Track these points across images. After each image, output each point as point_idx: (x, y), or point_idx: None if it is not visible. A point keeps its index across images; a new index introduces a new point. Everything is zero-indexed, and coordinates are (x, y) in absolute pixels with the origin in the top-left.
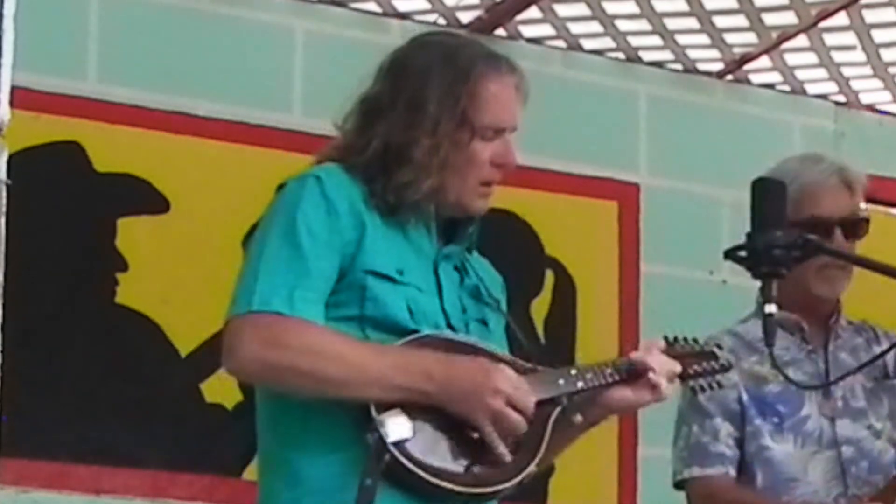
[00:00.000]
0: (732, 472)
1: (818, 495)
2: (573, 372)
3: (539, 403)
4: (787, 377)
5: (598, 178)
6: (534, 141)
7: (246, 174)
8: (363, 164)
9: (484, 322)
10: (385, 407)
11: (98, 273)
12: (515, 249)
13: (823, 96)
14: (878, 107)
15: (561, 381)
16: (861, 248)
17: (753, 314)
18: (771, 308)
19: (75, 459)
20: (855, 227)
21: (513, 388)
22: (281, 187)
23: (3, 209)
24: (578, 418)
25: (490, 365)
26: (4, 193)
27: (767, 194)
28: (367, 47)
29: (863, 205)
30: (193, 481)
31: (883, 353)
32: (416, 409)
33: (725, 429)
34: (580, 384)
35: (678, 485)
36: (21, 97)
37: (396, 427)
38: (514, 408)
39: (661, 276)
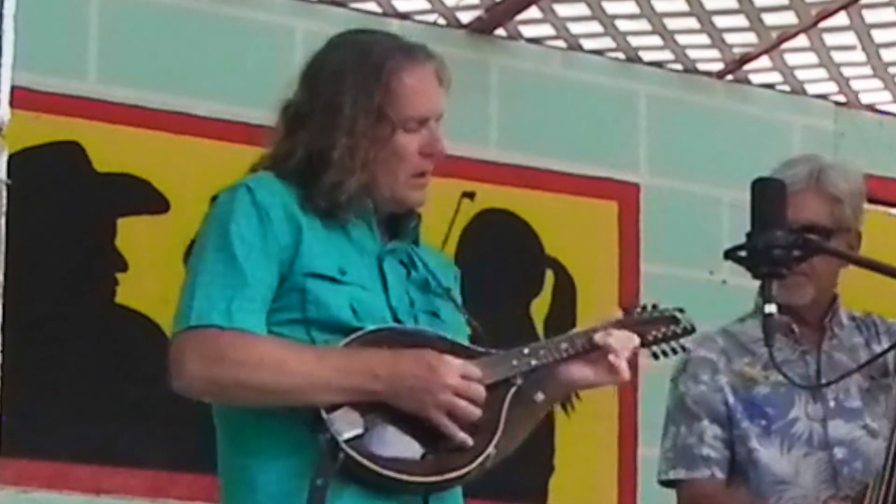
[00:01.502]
0: (719, 474)
1: (807, 499)
2: (526, 351)
3: (493, 386)
4: (786, 376)
5: (598, 178)
6: (534, 141)
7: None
8: (292, 171)
9: (434, 313)
10: (334, 406)
11: (98, 273)
12: (515, 249)
13: (823, 96)
14: (878, 107)
15: (514, 362)
16: (861, 248)
17: (751, 314)
18: (771, 308)
19: (75, 459)
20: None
21: (459, 378)
22: (214, 199)
23: (3, 209)
24: (540, 396)
25: (434, 358)
26: (4, 193)
27: (767, 194)
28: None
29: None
30: (193, 481)
31: (878, 356)
32: (365, 405)
33: (711, 431)
34: (534, 362)
35: (663, 483)
36: (21, 97)
37: (347, 425)
38: (463, 397)
39: (661, 276)
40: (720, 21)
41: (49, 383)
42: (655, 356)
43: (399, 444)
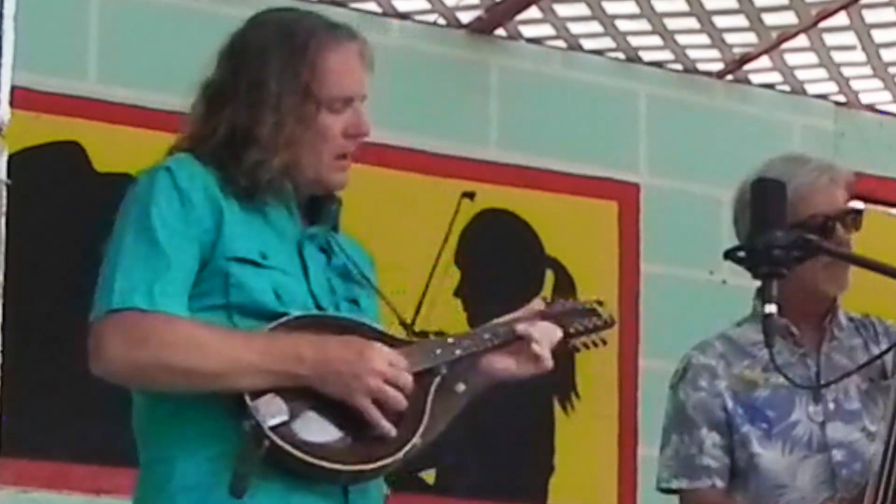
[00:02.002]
0: (720, 483)
1: (805, 501)
2: (450, 340)
3: (417, 375)
4: (786, 377)
5: (598, 178)
6: (534, 141)
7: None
8: (213, 151)
9: (354, 301)
10: (259, 393)
11: (98, 273)
12: (515, 249)
13: (823, 96)
14: (878, 107)
15: (438, 351)
16: (861, 248)
17: (749, 317)
18: (771, 308)
19: (75, 459)
20: (852, 219)
21: (388, 366)
22: (133, 182)
23: (3, 209)
24: (461, 387)
25: (363, 344)
26: (4, 193)
27: (767, 194)
28: None
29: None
30: None
31: (878, 357)
32: (290, 391)
33: (711, 439)
34: (458, 352)
35: (664, 490)
36: (21, 97)
37: (273, 411)
38: (392, 384)
39: (661, 276)
40: (720, 21)
41: (49, 383)
42: (576, 349)
43: (324, 432)
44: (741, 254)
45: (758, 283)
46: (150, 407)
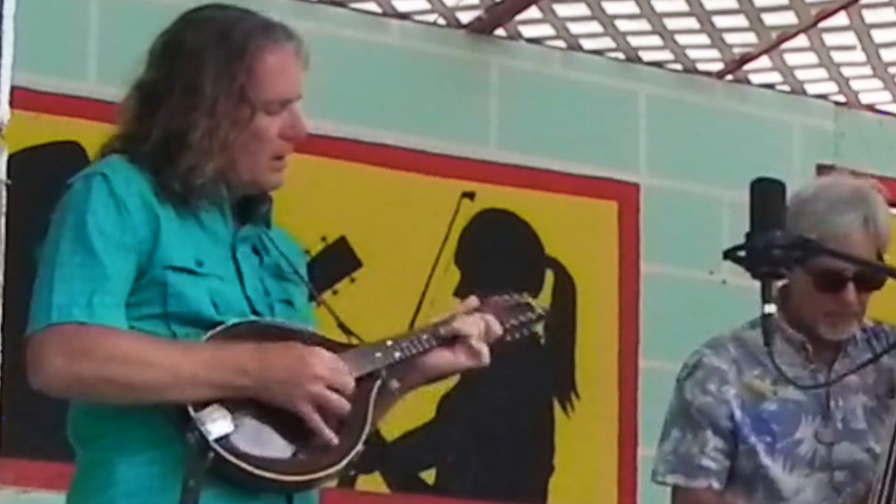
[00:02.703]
0: (716, 485)
1: None
2: (389, 343)
3: (358, 380)
4: (787, 378)
5: (598, 178)
6: (534, 141)
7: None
8: (147, 154)
9: (288, 301)
10: (203, 404)
11: None
12: (515, 249)
13: (823, 96)
14: (878, 107)
15: (378, 354)
16: None
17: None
18: (770, 308)
19: (75, 459)
20: (869, 280)
21: (330, 371)
22: (68, 187)
23: (3, 209)
24: (395, 384)
25: (304, 350)
26: (4, 193)
27: (767, 194)
28: (367, 47)
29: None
30: None
31: (876, 358)
32: (234, 402)
33: (714, 442)
34: (397, 354)
35: (659, 483)
36: (21, 97)
37: (217, 423)
38: (334, 390)
39: (661, 276)
40: (720, 21)
41: None
42: (510, 341)
43: (269, 443)
44: (741, 254)
45: (758, 284)
46: (90, 410)
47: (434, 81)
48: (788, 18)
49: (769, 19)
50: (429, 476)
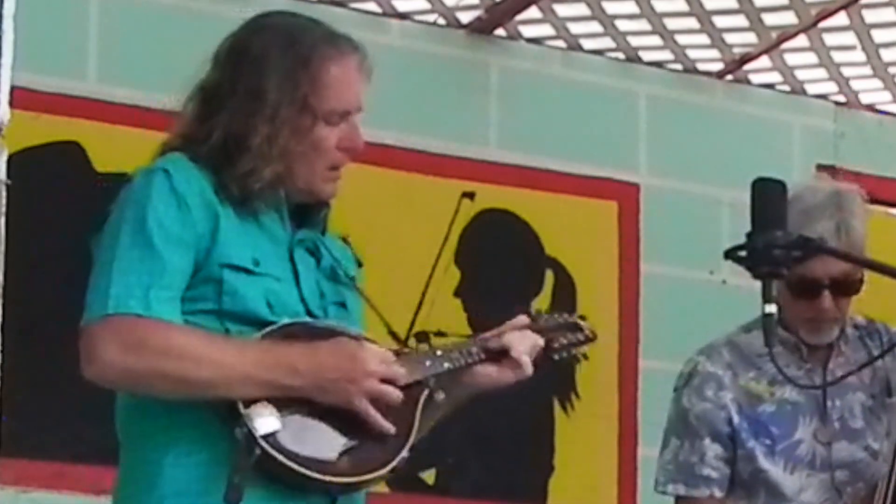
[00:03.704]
0: (718, 493)
1: None
2: (438, 353)
3: (407, 386)
4: (787, 377)
5: (598, 178)
6: (534, 141)
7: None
8: (207, 155)
9: (342, 304)
10: (252, 400)
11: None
12: (515, 249)
13: (823, 96)
14: (878, 107)
15: (427, 363)
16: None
17: (756, 323)
18: (771, 308)
19: (75, 459)
20: (845, 287)
21: (382, 365)
22: (128, 181)
23: (3, 209)
24: (441, 396)
25: (354, 346)
26: (4, 193)
27: (767, 194)
28: (367, 47)
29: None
30: None
31: (875, 359)
32: (284, 400)
33: (713, 450)
34: (447, 364)
35: (660, 493)
36: (21, 97)
37: (265, 420)
38: (387, 382)
39: (661, 276)
40: (720, 21)
41: (49, 383)
42: (556, 360)
43: (316, 442)
44: (741, 253)
45: (758, 284)
46: (139, 407)
47: (434, 81)
48: (788, 18)
49: (769, 19)
50: (429, 476)
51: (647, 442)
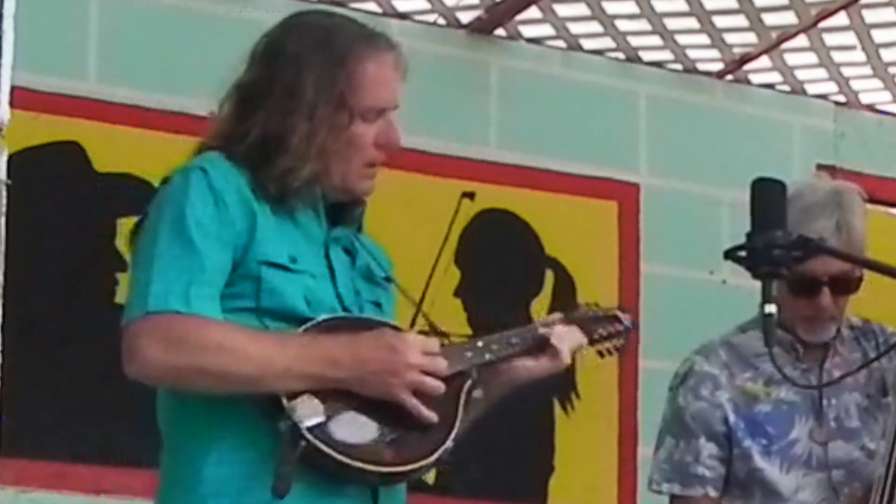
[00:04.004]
0: (713, 492)
1: None
2: (480, 344)
3: (449, 378)
4: (785, 376)
5: (598, 178)
6: (534, 141)
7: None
8: (244, 153)
9: (377, 304)
10: (295, 393)
11: (98, 273)
12: (515, 249)
13: (823, 96)
14: (878, 107)
15: (469, 354)
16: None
17: (753, 323)
18: (771, 308)
19: (75, 459)
20: (845, 285)
21: (423, 357)
22: (165, 181)
23: (3, 209)
24: (479, 394)
25: (394, 337)
26: (4, 193)
27: (767, 194)
28: None
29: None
30: None
31: (873, 360)
32: (325, 392)
33: (708, 450)
34: (488, 355)
35: (654, 492)
36: (21, 97)
37: (309, 412)
38: (429, 373)
39: (661, 276)
40: (720, 21)
41: (49, 383)
42: (601, 354)
43: (360, 433)
44: (741, 253)
45: (758, 284)
46: (181, 406)
47: (434, 81)
48: (788, 18)
49: (769, 19)
50: (429, 476)
51: (647, 442)
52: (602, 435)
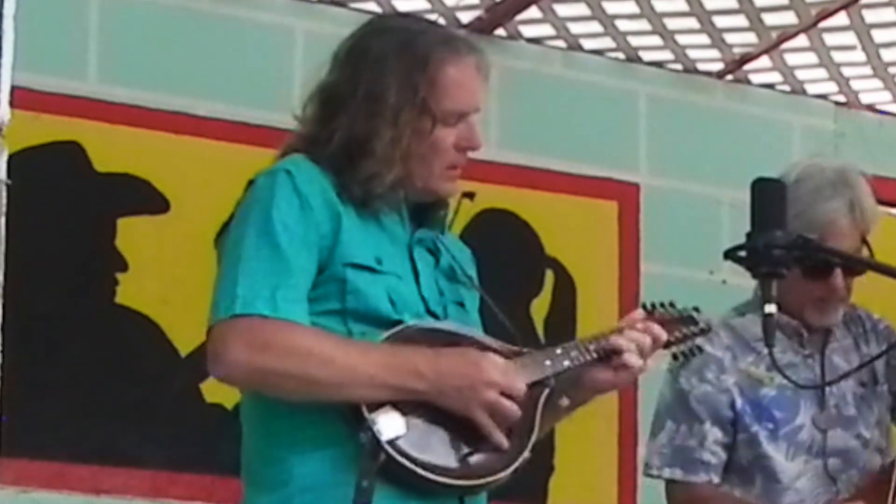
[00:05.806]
0: (716, 479)
1: (805, 503)
2: (558, 351)
3: (528, 386)
4: (789, 379)
5: (598, 178)
6: (534, 141)
7: (246, 174)
8: (329, 157)
9: (460, 303)
10: (376, 405)
11: (98, 273)
12: (515, 249)
13: (823, 96)
14: (878, 107)
15: (547, 362)
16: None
17: (750, 307)
18: (771, 308)
19: (75, 459)
20: (855, 266)
21: (504, 377)
22: (251, 183)
23: (3, 209)
24: (565, 402)
25: (478, 356)
26: (4, 193)
27: (767, 194)
28: None
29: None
30: (193, 481)
31: (872, 360)
32: (406, 404)
33: (713, 435)
34: (566, 363)
35: (652, 476)
36: (21, 97)
37: (389, 424)
38: (507, 396)
39: (661, 276)
40: (720, 21)
41: (49, 383)
42: (675, 357)
43: (439, 446)
44: (741, 253)
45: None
46: (264, 408)
47: None
48: (788, 18)
49: (769, 19)
50: None
51: (646, 442)
52: (602, 435)
